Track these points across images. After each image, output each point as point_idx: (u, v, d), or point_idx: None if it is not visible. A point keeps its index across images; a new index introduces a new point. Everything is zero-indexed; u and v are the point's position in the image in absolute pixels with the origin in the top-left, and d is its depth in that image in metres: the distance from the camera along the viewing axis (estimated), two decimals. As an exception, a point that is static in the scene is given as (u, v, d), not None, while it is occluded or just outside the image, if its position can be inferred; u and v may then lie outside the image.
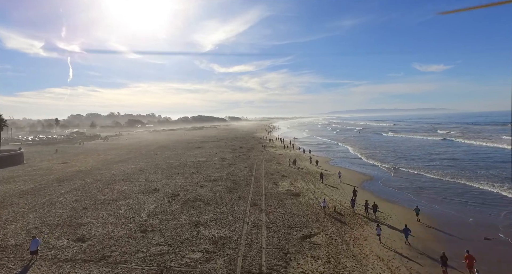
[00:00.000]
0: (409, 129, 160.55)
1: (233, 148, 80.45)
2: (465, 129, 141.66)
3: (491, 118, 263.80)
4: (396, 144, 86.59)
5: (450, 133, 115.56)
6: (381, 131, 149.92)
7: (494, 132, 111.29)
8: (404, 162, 53.29)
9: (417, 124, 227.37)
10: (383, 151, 69.84)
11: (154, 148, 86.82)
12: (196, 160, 58.35)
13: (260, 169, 46.74)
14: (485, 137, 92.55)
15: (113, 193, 32.26)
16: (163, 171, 46.35)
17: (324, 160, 58.87)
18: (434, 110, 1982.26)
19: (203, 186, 35.23)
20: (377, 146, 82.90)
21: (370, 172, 45.50)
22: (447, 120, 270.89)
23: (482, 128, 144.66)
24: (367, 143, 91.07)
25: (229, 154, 66.27)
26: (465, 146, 76.67)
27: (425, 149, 72.23)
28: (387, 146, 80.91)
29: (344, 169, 48.27)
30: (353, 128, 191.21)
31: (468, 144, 79.24)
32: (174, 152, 73.35)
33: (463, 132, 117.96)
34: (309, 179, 39.57)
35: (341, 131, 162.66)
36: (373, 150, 72.33)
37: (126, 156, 68.86)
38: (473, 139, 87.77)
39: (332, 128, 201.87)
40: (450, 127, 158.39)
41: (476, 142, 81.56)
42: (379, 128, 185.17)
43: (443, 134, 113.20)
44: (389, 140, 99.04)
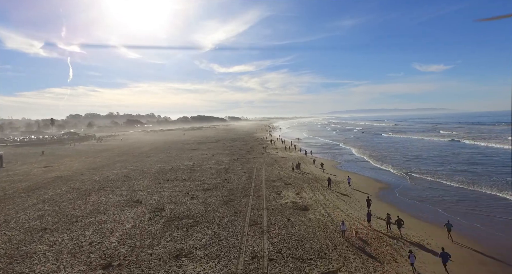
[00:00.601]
0: (412, 129, 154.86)
1: (231, 149, 75.42)
2: (470, 129, 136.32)
3: (493, 118, 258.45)
4: (403, 145, 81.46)
5: (457, 134, 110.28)
6: (383, 131, 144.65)
7: (501, 133, 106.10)
8: (417, 166, 48.25)
9: (418, 124, 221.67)
10: (391, 154, 64.77)
11: (148, 149, 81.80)
12: (190, 163, 53.30)
13: (261, 175, 41.72)
14: (493, 138, 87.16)
15: (87, 206, 27.20)
16: (152, 177, 41.31)
17: (330, 164, 53.87)
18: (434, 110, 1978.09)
19: (194, 196, 30.16)
20: (382, 147, 77.79)
21: (383, 178, 40.46)
22: (449, 120, 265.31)
23: (487, 128, 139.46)
24: (371, 144, 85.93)
25: (227, 157, 61.24)
26: (474, 147, 71.51)
27: (434, 151, 67.12)
28: (394, 148, 75.82)
29: (353, 174, 43.26)
30: (353, 128, 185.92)
31: (478, 146, 73.98)
32: (168, 155, 68.32)
33: (470, 133, 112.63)
34: (316, 187, 34.51)
35: (342, 132, 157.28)
36: (380, 152, 67.27)
37: (116, 158, 63.84)
38: (482, 140, 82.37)
39: (332, 128, 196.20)
40: (453, 128, 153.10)
41: (486, 143, 76.22)
42: (381, 128, 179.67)
43: (449, 135, 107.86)
44: (394, 141, 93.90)
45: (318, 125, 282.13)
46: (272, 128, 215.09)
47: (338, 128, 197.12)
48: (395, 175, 42.90)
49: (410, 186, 35.84)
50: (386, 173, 44.41)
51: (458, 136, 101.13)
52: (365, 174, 44.42)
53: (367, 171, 46.95)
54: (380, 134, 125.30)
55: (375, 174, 44.25)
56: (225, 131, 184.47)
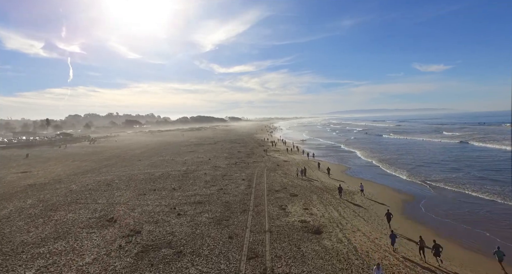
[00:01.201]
0: (415, 130, 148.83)
1: (230, 152, 70.26)
2: (475, 130, 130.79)
3: (496, 118, 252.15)
4: (410, 147, 76.12)
5: (462, 135, 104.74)
6: (386, 132, 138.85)
7: (509, 134, 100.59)
8: (433, 173, 43.12)
9: (421, 124, 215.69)
10: (400, 157, 59.58)
11: (141, 152, 76.67)
12: (183, 169, 48.14)
13: (262, 183, 36.55)
14: (502, 140, 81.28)
15: (47, 226, 22.03)
16: (137, 185, 36.13)
17: (337, 169, 48.76)
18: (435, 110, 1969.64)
19: (182, 213, 24.97)
20: (389, 150, 72.55)
21: (402, 188, 35.31)
22: (451, 121, 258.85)
23: (493, 129, 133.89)
24: (376, 147, 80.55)
25: (225, 161, 56.07)
26: (487, 150, 66.27)
27: (445, 154, 61.85)
28: (402, 150, 70.65)
29: (366, 181, 38.15)
30: (355, 129, 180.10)
31: (490, 148, 68.54)
32: (161, 158, 63.17)
33: (477, 134, 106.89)
34: (327, 200, 29.32)
35: (343, 133, 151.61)
36: (388, 156, 62.08)
37: (104, 162, 58.70)
38: (493, 142, 76.71)
39: (333, 129, 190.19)
40: (457, 128, 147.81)
41: (497, 145, 70.60)
42: (383, 129, 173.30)
43: (455, 136, 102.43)
44: (399, 143, 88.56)
45: (318, 125, 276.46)
46: (273, 129, 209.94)
47: (339, 129, 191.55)
48: (414, 183, 37.70)
49: (436, 198, 30.64)
50: (403, 181, 39.26)
51: (465, 137, 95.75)
52: (380, 181, 39.28)
53: (380, 178, 41.80)
54: (383, 135, 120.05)
55: (391, 181, 39.09)
56: (224, 132, 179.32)
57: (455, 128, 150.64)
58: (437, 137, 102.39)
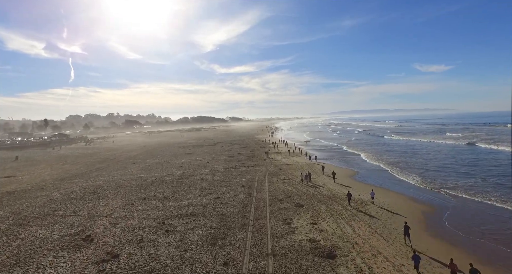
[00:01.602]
0: (418, 131, 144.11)
1: (229, 154, 66.90)
2: (479, 131, 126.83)
3: (498, 119, 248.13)
4: (417, 150, 72.35)
5: (466, 136, 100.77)
6: (388, 133, 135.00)
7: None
8: (448, 179, 39.45)
9: (423, 125, 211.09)
10: (408, 160, 56.06)
11: (137, 154, 73.41)
12: (179, 173, 44.81)
13: (263, 190, 33.19)
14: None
15: (7, 248, 18.59)
16: (126, 193, 32.79)
17: (344, 173, 45.39)
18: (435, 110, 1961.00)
19: (171, 229, 21.61)
20: (395, 152, 69.07)
21: (418, 197, 31.82)
22: (453, 121, 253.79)
23: (498, 129, 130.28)
24: (381, 149, 76.80)
25: (224, 164, 52.72)
26: (497, 152, 62.71)
27: (455, 157, 58.20)
28: (408, 153, 67.17)
29: (377, 188, 34.80)
30: (356, 130, 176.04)
31: (500, 151, 64.71)
32: (157, 161, 59.88)
33: (485, 135, 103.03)
34: (338, 211, 25.90)
35: (345, 133, 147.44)
36: (396, 159, 58.56)
37: (96, 165, 55.43)
38: (502, 144, 72.73)
39: (334, 130, 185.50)
40: (460, 129, 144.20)
41: (507, 148, 66.57)
42: (385, 129, 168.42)
43: (461, 137, 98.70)
44: (404, 145, 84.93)
45: (319, 126, 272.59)
46: (274, 129, 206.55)
47: (340, 129, 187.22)
48: (430, 191, 34.17)
49: (459, 210, 27.06)
50: (417, 188, 35.78)
51: (471, 138, 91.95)
52: (393, 188, 35.83)
53: (392, 184, 38.35)
54: (386, 137, 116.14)
55: (404, 188, 35.63)
56: (225, 132, 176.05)
57: (459, 129, 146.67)
58: (442, 138, 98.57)
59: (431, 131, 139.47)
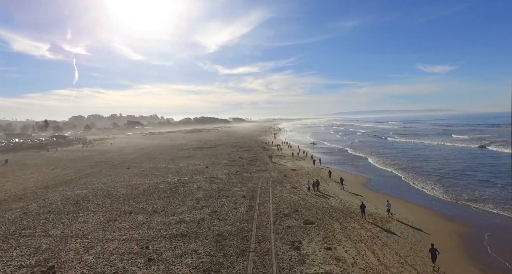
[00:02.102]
0: (423, 132, 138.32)
1: (230, 158, 63.13)
2: (488, 132, 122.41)
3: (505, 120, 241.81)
4: (428, 153, 67.96)
5: (480, 139, 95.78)
6: (393, 134, 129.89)
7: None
8: (474, 189, 35.08)
9: (428, 126, 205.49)
10: (422, 165, 51.95)
11: (134, 157, 69.87)
12: (175, 180, 41.09)
13: (267, 202, 29.36)
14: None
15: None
16: (112, 205, 29.09)
17: (354, 180, 41.48)
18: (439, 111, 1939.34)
19: (154, 256, 17.80)
20: (406, 156, 64.99)
21: (446, 210, 27.80)
22: (459, 122, 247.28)
23: (508, 131, 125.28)
24: (388, 152, 72.41)
25: (224, 169, 48.97)
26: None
27: (472, 162, 53.86)
28: (420, 156, 63.15)
29: (394, 199, 30.87)
30: (360, 131, 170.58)
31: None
32: (153, 165, 56.25)
33: (495, 137, 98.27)
34: (355, 231, 21.97)
35: (348, 135, 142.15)
36: (407, 163, 54.52)
37: (88, 170, 51.90)
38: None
39: (338, 131, 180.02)
40: (467, 130, 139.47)
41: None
42: (389, 131, 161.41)
43: (469, 140, 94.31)
44: (414, 147, 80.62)
45: (321, 127, 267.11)
46: (277, 130, 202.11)
47: (343, 131, 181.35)
48: (458, 205, 30.02)
49: (501, 231, 22.80)
50: (440, 200, 31.70)
51: (482, 141, 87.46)
52: (412, 199, 31.85)
53: (410, 194, 34.35)
54: (392, 139, 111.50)
55: (426, 200, 31.62)
56: (227, 133, 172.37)
57: (466, 130, 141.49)
58: (451, 140, 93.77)
59: (438, 132, 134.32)
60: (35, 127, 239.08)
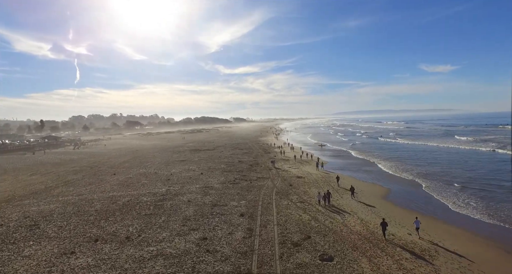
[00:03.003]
0: (429, 134, 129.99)
1: (229, 162, 57.38)
2: (500, 133, 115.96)
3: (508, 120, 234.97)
4: (441, 157, 61.40)
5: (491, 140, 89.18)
6: (397, 135, 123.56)
7: None
8: None
9: (432, 126, 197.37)
10: (439, 171, 46.18)
11: (125, 160, 64.23)
12: (163, 190, 35.37)
13: (270, 223, 23.58)
14: None
15: None
16: (78, 227, 23.34)
17: (371, 191, 35.75)
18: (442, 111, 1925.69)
19: None
20: (419, 159, 59.33)
21: (503, 241, 21.93)
22: (465, 122, 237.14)
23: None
24: (397, 155, 66.14)
25: (221, 176, 43.24)
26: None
27: (491, 168, 48.11)
28: (432, 160, 57.43)
29: (423, 216, 25.06)
30: (366, 131, 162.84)
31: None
32: (143, 170, 50.58)
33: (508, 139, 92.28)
34: (391, 271, 16.17)
35: (353, 136, 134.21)
36: (422, 169, 48.65)
37: (69, 177, 46.25)
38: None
39: (340, 132, 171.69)
40: (474, 131, 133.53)
41: None
42: (392, 131, 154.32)
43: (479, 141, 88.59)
44: (424, 150, 74.36)
45: (322, 127, 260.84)
46: (279, 131, 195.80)
47: (345, 131, 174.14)
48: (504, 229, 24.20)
49: None
50: (488, 224, 25.79)
51: (495, 143, 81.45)
52: (451, 220, 25.93)
53: (442, 211, 28.48)
54: (395, 140, 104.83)
55: (469, 222, 25.67)
56: (227, 134, 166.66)
57: (472, 131, 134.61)
58: (462, 142, 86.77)
59: (443, 134, 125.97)
60: (32, 127, 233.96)
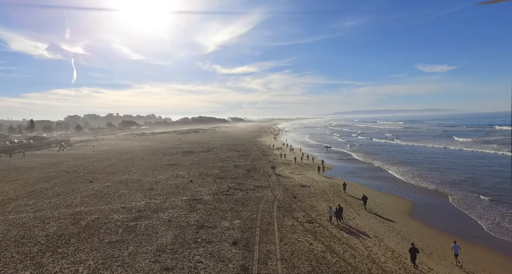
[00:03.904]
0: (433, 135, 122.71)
1: (224, 166, 51.36)
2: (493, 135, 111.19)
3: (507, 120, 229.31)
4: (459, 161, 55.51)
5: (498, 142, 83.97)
6: (399, 136, 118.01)
7: None
8: None
9: (432, 126, 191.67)
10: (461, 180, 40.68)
11: (108, 164, 57.99)
12: (140, 205, 29.26)
13: (272, 259, 17.57)
14: None
15: None
16: (7, 265, 17.22)
17: (392, 205, 29.90)
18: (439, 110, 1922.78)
19: None
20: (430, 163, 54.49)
21: None
22: (464, 122, 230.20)
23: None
24: (404, 158, 60.71)
25: (213, 185, 37.21)
26: None
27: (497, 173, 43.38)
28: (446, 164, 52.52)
29: (461, 239, 19.20)
30: (367, 132, 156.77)
31: None
32: (126, 176, 44.49)
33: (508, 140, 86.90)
34: None
35: (355, 137, 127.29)
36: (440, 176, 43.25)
37: (38, 185, 40.01)
38: None
39: (338, 132, 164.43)
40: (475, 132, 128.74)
41: None
42: (393, 132, 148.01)
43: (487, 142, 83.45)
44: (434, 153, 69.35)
45: (319, 127, 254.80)
46: (278, 131, 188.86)
47: (343, 131, 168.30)
48: None
49: None
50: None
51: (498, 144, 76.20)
52: (496, 247, 20.08)
53: (481, 234, 22.62)
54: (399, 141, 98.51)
55: None
56: (223, 134, 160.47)
57: (475, 132, 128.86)
58: (470, 145, 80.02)
59: (444, 135, 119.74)
60: (22, 127, 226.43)
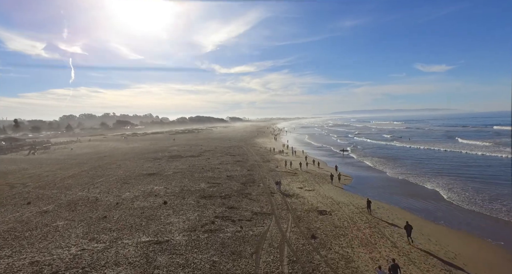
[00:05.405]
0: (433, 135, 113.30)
1: (214, 178, 40.52)
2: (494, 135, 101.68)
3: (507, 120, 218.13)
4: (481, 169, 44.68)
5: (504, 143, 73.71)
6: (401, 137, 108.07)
7: None
8: None
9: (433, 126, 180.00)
10: (497, 194, 29.78)
11: (74, 173, 47.08)
12: (67, 256, 18.35)
13: None
14: None
15: None
16: None
17: (473, 253, 19.02)
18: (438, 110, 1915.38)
19: None
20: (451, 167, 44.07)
21: None
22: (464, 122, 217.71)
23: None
24: (439, 168, 49.11)
25: (194, 210, 26.37)
26: None
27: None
28: (479, 174, 41.45)
29: None
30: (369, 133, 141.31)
31: None
32: (81, 194, 33.63)
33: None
34: None
35: (356, 138, 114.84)
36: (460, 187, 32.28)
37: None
38: None
39: (337, 133, 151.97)
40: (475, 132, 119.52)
41: None
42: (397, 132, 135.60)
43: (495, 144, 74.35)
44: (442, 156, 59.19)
45: (317, 127, 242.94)
46: (278, 131, 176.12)
47: (342, 132, 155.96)
48: None
49: None
50: None
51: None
52: None
53: None
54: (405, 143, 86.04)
55: None
56: (220, 135, 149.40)
57: (477, 132, 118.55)
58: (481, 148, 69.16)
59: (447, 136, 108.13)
60: (7, 127, 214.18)
